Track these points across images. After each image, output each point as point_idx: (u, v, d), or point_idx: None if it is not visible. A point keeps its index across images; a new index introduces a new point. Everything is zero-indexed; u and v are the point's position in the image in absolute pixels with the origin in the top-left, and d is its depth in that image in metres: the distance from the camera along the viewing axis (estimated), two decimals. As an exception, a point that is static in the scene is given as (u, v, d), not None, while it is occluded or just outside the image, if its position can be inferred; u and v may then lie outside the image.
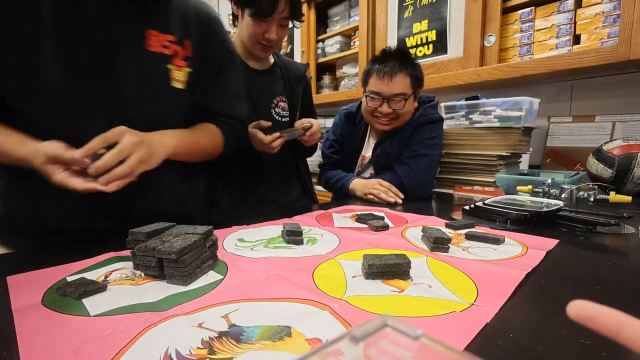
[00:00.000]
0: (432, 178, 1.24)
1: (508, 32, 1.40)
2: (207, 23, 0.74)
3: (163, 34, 0.67)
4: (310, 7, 2.23)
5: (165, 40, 0.67)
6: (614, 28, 1.16)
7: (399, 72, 1.13)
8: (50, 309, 0.39)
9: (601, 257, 0.55)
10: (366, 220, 0.78)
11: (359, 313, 0.37)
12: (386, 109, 1.15)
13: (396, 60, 1.14)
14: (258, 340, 0.32)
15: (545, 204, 0.82)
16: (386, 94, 1.14)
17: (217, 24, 0.77)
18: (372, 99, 1.17)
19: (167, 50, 0.67)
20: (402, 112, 1.16)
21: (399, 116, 1.17)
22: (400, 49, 1.21)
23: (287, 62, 1.20)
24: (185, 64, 0.70)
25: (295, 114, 1.17)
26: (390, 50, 1.19)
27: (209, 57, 0.75)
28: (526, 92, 1.30)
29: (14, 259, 0.57)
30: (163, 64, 0.68)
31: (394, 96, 1.13)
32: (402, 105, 1.14)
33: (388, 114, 1.16)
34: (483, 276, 0.47)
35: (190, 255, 0.46)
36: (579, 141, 1.40)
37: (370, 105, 1.18)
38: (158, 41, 0.66)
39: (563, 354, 0.30)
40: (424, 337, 0.18)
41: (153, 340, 0.32)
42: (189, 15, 0.71)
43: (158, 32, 0.66)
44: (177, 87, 0.70)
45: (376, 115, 1.18)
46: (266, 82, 1.12)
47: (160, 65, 0.67)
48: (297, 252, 0.58)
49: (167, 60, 0.68)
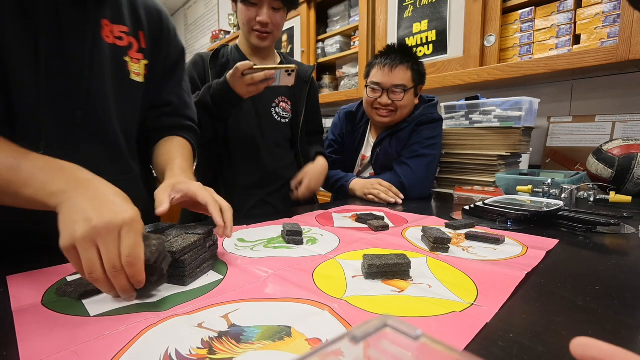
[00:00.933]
0: (431, 178, 1.24)
1: (508, 32, 1.40)
2: (157, 16, 0.72)
3: (115, 24, 0.63)
4: (310, 7, 2.23)
5: (118, 31, 0.63)
6: (614, 28, 1.16)
7: (400, 65, 1.14)
8: (50, 309, 0.39)
9: (601, 257, 0.55)
10: (366, 220, 0.78)
11: (359, 313, 0.37)
12: (385, 100, 1.16)
13: (398, 53, 1.16)
14: (258, 340, 0.32)
15: (545, 204, 0.82)
16: (386, 85, 1.15)
17: (167, 18, 0.75)
18: (373, 89, 1.18)
19: (121, 41, 0.64)
20: (401, 105, 1.17)
21: (397, 109, 1.17)
22: (404, 45, 1.22)
23: (293, 63, 1.20)
24: (142, 56, 0.68)
25: (300, 117, 1.16)
26: (393, 45, 1.20)
27: (164, 51, 0.73)
28: (526, 92, 1.30)
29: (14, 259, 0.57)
30: (119, 56, 0.64)
31: (394, 87, 1.15)
32: (401, 97, 1.15)
33: (387, 105, 1.17)
34: (483, 276, 0.47)
35: (190, 255, 0.46)
36: (579, 141, 1.40)
37: (370, 96, 1.19)
38: (112, 31, 0.62)
39: (563, 354, 0.30)
40: (424, 337, 0.18)
41: (153, 340, 0.32)
42: (138, 6, 0.68)
43: (110, 22, 0.62)
44: (136, 80, 0.67)
45: (376, 107, 1.19)
46: None
47: (116, 57, 0.64)
48: (297, 252, 0.58)
49: (123, 52, 0.65)
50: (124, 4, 0.65)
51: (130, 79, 0.66)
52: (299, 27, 2.32)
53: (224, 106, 0.94)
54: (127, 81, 0.66)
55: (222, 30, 3.38)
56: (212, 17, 3.99)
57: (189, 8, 4.43)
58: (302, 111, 1.16)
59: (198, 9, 4.23)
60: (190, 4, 4.40)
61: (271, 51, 1.15)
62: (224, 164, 1.09)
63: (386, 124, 1.22)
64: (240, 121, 1.07)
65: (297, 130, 1.17)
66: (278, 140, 1.14)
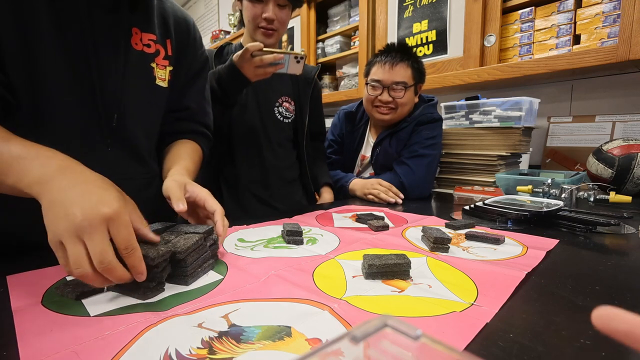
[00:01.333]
0: (431, 178, 1.24)
1: (508, 32, 1.40)
2: (184, 25, 0.75)
3: (145, 32, 0.66)
4: (310, 7, 2.23)
5: (147, 39, 0.67)
6: (614, 28, 1.16)
7: (401, 62, 1.15)
8: (50, 309, 0.39)
9: (601, 257, 0.55)
10: (366, 220, 0.78)
11: (359, 313, 0.37)
12: (386, 97, 1.16)
13: (398, 52, 1.17)
14: (258, 340, 0.32)
15: (545, 204, 0.82)
16: (387, 82, 1.15)
17: (194, 28, 0.78)
18: (373, 87, 1.19)
19: (149, 49, 0.67)
20: (401, 102, 1.17)
21: (398, 106, 1.18)
22: (403, 44, 1.23)
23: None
24: (167, 63, 0.71)
25: (304, 117, 1.16)
26: (393, 44, 1.21)
27: (188, 58, 0.76)
28: (526, 92, 1.30)
29: (14, 259, 0.57)
30: (146, 63, 0.67)
31: (395, 84, 1.15)
32: (402, 94, 1.16)
33: (388, 102, 1.17)
34: (483, 276, 0.47)
35: (191, 255, 0.46)
36: (579, 141, 1.40)
37: (370, 94, 1.19)
38: (140, 39, 0.66)
39: (563, 354, 0.30)
40: (424, 337, 0.18)
41: (153, 340, 0.32)
42: (167, 16, 0.71)
43: (139, 30, 0.65)
44: (161, 86, 0.70)
45: (376, 104, 1.19)
46: (273, 80, 1.09)
47: (144, 63, 0.67)
48: (297, 252, 0.58)
49: (150, 59, 0.68)
50: (154, 13, 0.68)
51: (156, 84, 0.69)
52: (299, 27, 2.32)
53: (231, 90, 0.93)
54: (152, 86, 0.68)
55: (222, 30, 3.38)
56: (212, 17, 3.99)
57: (189, 8, 4.43)
58: (307, 112, 1.16)
59: (198, 9, 4.23)
60: (190, 4, 4.40)
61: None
62: (226, 161, 1.09)
63: (386, 122, 1.22)
64: (242, 119, 1.07)
65: (301, 130, 1.16)
66: (280, 140, 1.14)
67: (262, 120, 1.10)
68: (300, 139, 1.18)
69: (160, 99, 0.72)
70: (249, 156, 1.09)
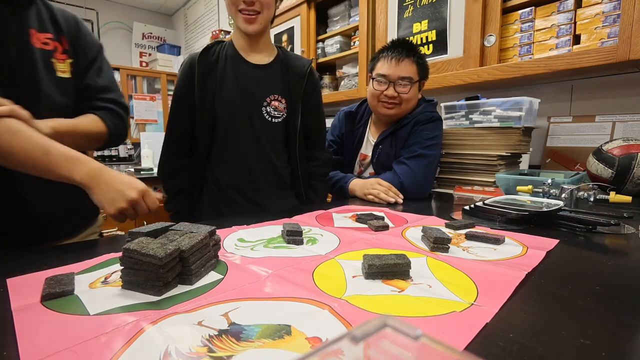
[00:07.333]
0: (431, 178, 1.24)
1: (508, 32, 1.40)
2: (73, 21, 0.86)
3: (41, 32, 0.78)
4: (310, 7, 2.23)
5: (44, 38, 0.78)
6: (614, 28, 1.15)
7: (406, 58, 1.15)
8: (50, 308, 0.39)
9: (601, 257, 0.55)
10: (366, 220, 0.78)
11: (358, 312, 0.37)
12: (392, 92, 1.16)
13: (404, 47, 1.17)
14: (258, 338, 0.32)
15: (545, 204, 0.82)
16: (393, 77, 1.16)
17: (81, 22, 0.89)
18: (379, 82, 1.19)
19: (47, 46, 0.78)
20: (406, 98, 1.17)
21: (403, 102, 1.18)
22: (408, 40, 1.22)
23: (291, 57, 1.10)
24: (66, 57, 0.82)
25: (296, 117, 1.07)
26: (399, 40, 1.21)
27: (83, 49, 0.86)
28: (526, 92, 1.30)
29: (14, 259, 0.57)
30: (48, 58, 0.78)
31: (401, 79, 1.15)
32: (407, 89, 1.16)
33: (393, 97, 1.17)
34: (483, 276, 0.47)
35: (196, 254, 0.46)
36: (579, 141, 1.40)
37: (376, 89, 1.19)
38: (38, 39, 0.77)
39: (563, 354, 0.30)
40: (424, 337, 0.18)
41: (153, 338, 0.32)
42: (57, 16, 0.83)
43: (36, 31, 0.77)
44: (63, 77, 0.81)
45: (382, 100, 1.20)
46: (260, 78, 1.03)
47: (44, 59, 0.78)
48: (297, 252, 0.58)
49: (50, 55, 0.79)
50: (45, 16, 0.81)
51: (57, 75, 0.81)
52: (299, 27, 2.32)
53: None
54: (55, 77, 0.80)
55: (222, 30, 3.38)
56: (212, 17, 3.99)
57: (189, 8, 4.43)
58: (299, 110, 1.07)
59: (198, 9, 4.23)
60: (190, 4, 4.40)
61: (267, 43, 1.06)
62: (213, 162, 1.05)
63: (391, 117, 1.22)
64: (230, 121, 1.02)
65: (292, 130, 1.08)
66: (269, 141, 1.06)
67: (249, 121, 1.03)
68: (292, 139, 1.09)
69: (63, 88, 0.82)
70: (236, 158, 1.04)
